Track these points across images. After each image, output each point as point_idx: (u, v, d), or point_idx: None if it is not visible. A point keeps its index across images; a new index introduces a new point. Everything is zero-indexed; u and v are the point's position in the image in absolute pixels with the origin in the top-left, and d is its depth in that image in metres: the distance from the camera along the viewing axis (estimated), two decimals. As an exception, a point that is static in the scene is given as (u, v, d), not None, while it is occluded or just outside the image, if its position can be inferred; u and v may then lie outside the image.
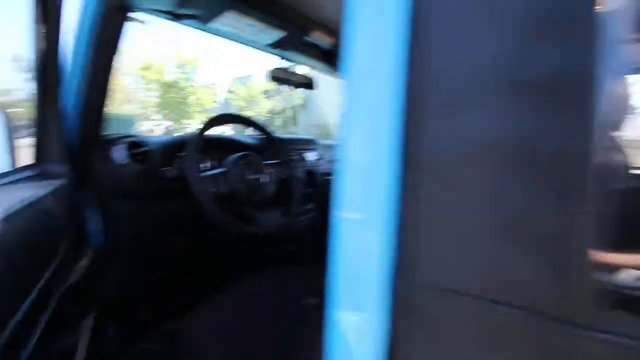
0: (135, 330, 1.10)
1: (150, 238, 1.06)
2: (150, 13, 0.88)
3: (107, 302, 0.96)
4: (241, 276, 1.27)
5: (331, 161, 1.77)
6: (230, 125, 1.33)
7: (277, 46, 1.20)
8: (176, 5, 0.82)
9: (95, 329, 0.93)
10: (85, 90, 0.85)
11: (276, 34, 1.10)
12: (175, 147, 1.08)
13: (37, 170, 0.77)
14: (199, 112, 15.31)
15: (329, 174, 1.62)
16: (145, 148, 0.96)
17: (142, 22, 0.86)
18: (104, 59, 0.83)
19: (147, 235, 1.04)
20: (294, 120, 14.10)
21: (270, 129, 1.20)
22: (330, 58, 1.46)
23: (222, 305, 0.96)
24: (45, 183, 0.71)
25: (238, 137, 1.30)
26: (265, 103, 15.29)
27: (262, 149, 1.29)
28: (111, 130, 0.97)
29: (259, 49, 1.26)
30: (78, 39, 0.83)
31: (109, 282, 0.96)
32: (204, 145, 1.03)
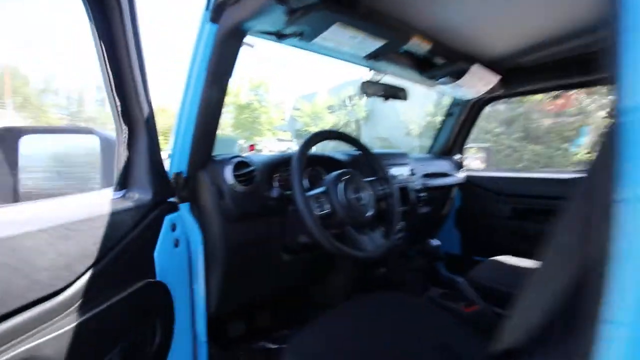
0: (253, 334, 1.31)
1: (257, 253, 1.06)
2: (258, 35, 0.89)
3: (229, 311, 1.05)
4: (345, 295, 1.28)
5: (425, 176, 1.63)
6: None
7: (373, 57, 1.14)
8: (285, 24, 0.81)
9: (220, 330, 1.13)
10: (202, 114, 0.88)
11: (374, 44, 1.04)
12: (276, 166, 1.08)
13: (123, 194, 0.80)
14: (268, 129, 16.27)
15: (421, 190, 1.49)
16: (252, 167, 0.97)
17: (251, 45, 0.88)
18: (219, 84, 0.86)
19: (254, 251, 1.05)
20: (357, 133, 14.09)
21: (366, 144, 1.13)
22: (424, 65, 1.36)
23: (334, 320, 0.91)
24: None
25: (330, 153, 1.26)
26: (329, 118, 15.61)
27: (356, 165, 1.23)
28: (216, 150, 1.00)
29: (354, 62, 1.22)
30: (194, 65, 0.87)
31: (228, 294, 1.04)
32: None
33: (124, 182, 0.79)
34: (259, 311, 1.48)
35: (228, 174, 0.92)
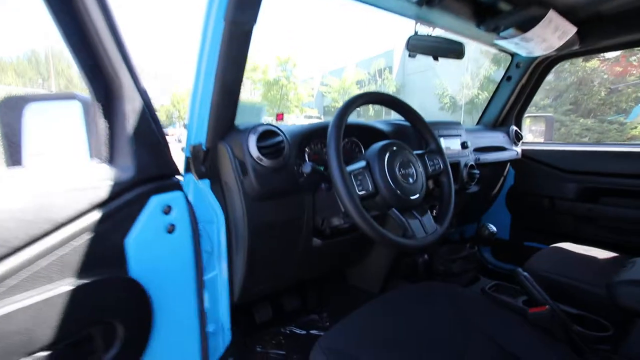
0: (281, 319, 1.25)
1: (284, 237, 0.94)
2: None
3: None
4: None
5: (477, 150, 1.41)
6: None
7: (426, 1, 0.92)
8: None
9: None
10: (221, 73, 0.74)
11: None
12: (309, 137, 0.92)
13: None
14: (296, 106, 16.05)
15: (474, 166, 1.28)
16: (279, 138, 0.82)
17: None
18: (241, 34, 0.71)
19: (281, 234, 0.93)
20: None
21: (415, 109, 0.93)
22: (485, 13, 1.11)
23: (371, 312, 0.80)
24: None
25: (369, 122, 1.08)
26: (358, 93, 15.09)
27: (402, 136, 1.04)
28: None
29: (401, 12, 1.01)
30: (210, 13, 0.72)
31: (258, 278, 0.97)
32: None
33: (105, 154, 0.66)
34: (287, 295, 1.38)
35: (252, 145, 0.78)
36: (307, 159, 0.96)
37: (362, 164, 0.79)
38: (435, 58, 1.16)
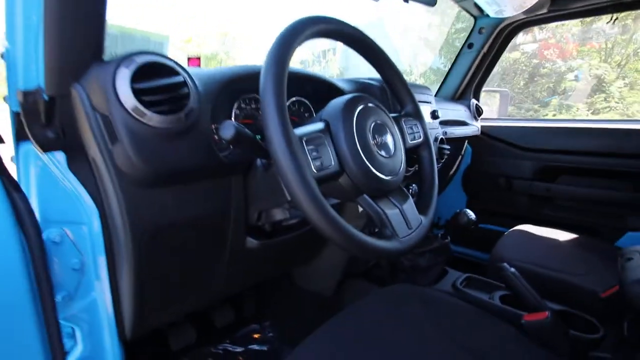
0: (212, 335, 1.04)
1: (200, 240, 0.63)
2: None
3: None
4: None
5: (443, 123, 1.21)
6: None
7: None
8: None
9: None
10: None
11: None
12: (238, 88, 0.59)
13: None
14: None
15: (444, 141, 1.07)
16: (180, 78, 0.49)
17: None
18: None
19: (194, 236, 0.61)
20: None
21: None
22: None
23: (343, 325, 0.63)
24: None
25: (324, 76, 0.78)
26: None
27: (373, 95, 0.77)
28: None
29: None
30: None
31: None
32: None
33: None
34: (216, 308, 1.07)
35: (122, 86, 0.44)
36: (235, 119, 0.64)
37: (319, 125, 0.50)
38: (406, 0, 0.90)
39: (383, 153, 0.54)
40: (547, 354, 0.60)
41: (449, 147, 1.05)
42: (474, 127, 1.45)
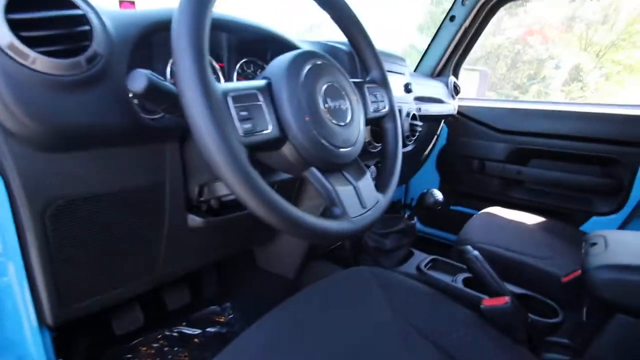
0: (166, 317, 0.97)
1: (127, 218, 0.55)
2: None
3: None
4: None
5: (418, 99, 1.14)
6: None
7: None
8: None
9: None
10: None
11: None
12: (149, 34, 0.49)
13: None
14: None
15: (417, 117, 1.01)
16: (79, 10, 0.39)
17: None
18: None
19: (120, 213, 0.53)
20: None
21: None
22: None
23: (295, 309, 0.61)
24: None
25: (281, 32, 0.69)
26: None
27: (339, 61, 0.69)
28: None
29: None
30: None
31: None
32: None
33: None
34: (169, 288, 1.00)
35: None
36: (165, 71, 0.54)
37: (256, 83, 0.42)
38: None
39: (336, 121, 0.46)
40: (505, 339, 0.58)
41: (421, 124, 0.99)
42: (450, 106, 1.40)
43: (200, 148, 0.33)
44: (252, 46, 0.67)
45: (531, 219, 1.15)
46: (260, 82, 0.42)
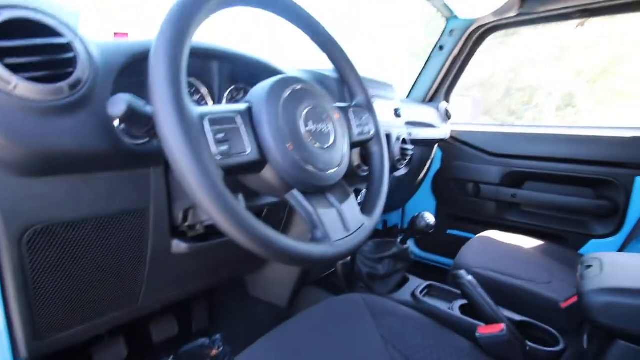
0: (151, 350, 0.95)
1: (108, 245, 0.54)
2: None
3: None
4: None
5: (409, 123, 1.16)
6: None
7: None
8: None
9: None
10: None
11: None
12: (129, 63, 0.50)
13: None
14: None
15: (407, 142, 1.02)
16: (63, 39, 0.40)
17: None
18: None
19: (100, 240, 0.52)
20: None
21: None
22: None
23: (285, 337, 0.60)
24: None
25: (268, 60, 0.71)
26: None
27: (327, 88, 0.71)
28: None
29: None
30: None
31: None
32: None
33: None
34: (156, 319, 0.97)
35: None
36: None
37: (236, 106, 0.43)
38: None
39: (317, 143, 0.47)
40: None
41: (412, 147, 1.00)
42: (442, 131, 1.41)
43: (174, 169, 0.33)
44: (243, 73, 0.69)
45: (528, 242, 1.13)
46: (240, 106, 0.42)
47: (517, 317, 0.83)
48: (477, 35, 1.40)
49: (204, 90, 0.63)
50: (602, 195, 1.25)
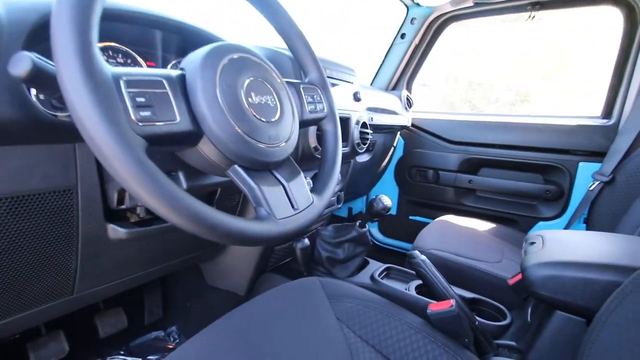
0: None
1: (29, 231, 0.48)
2: None
3: None
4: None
5: (370, 109, 1.16)
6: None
7: None
8: None
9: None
10: None
11: None
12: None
13: None
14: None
15: (368, 126, 1.02)
16: None
17: None
18: None
19: (16, 225, 0.46)
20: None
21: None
22: None
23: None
24: None
25: (211, 31, 0.66)
26: None
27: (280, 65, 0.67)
28: None
29: None
30: None
31: None
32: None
33: None
34: (102, 310, 0.91)
35: None
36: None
37: (169, 72, 0.39)
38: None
39: (261, 117, 0.44)
40: (451, 344, 0.57)
41: (371, 132, 1.00)
42: (404, 118, 1.43)
43: (84, 137, 0.29)
44: (188, 46, 0.65)
45: (482, 225, 1.18)
46: (170, 71, 0.38)
47: (469, 295, 0.86)
48: (437, 25, 1.42)
49: (141, 61, 0.58)
50: (549, 180, 1.32)
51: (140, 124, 0.32)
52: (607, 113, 1.25)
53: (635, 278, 0.43)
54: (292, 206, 0.46)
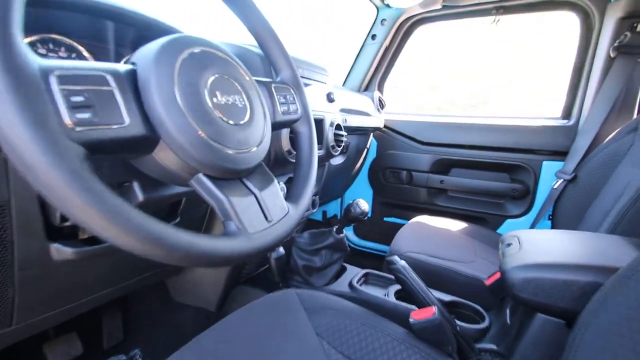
0: None
1: None
2: None
3: None
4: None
5: (343, 110, 1.13)
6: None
7: None
8: None
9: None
10: None
11: None
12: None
13: None
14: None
15: (342, 128, 0.99)
16: None
17: None
18: None
19: None
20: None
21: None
22: None
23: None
24: None
25: (169, 22, 0.60)
26: None
27: (249, 62, 0.62)
28: None
29: None
30: None
31: None
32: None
33: None
34: (52, 334, 0.81)
35: None
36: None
37: (115, 66, 0.33)
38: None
39: (228, 119, 0.39)
40: (435, 353, 0.55)
41: (345, 133, 0.97)
42: (377, 120, 1.42)
43: (1, 145, 0.23)
44: (144, 41, 0.58)
45: (454, 225, 1.19)
46: (116, 65, 0.33)
47: (447, 298, 0.85)
48: (407, 27, 1.43)
49: (88, 56, 0.51)
50: (516, 179, 1.37)
51: (77, 128, 0.26)
52: (567, 114, 1.31)
53: (615, 279, 0.43)
54: (266, 218, 0.42)
